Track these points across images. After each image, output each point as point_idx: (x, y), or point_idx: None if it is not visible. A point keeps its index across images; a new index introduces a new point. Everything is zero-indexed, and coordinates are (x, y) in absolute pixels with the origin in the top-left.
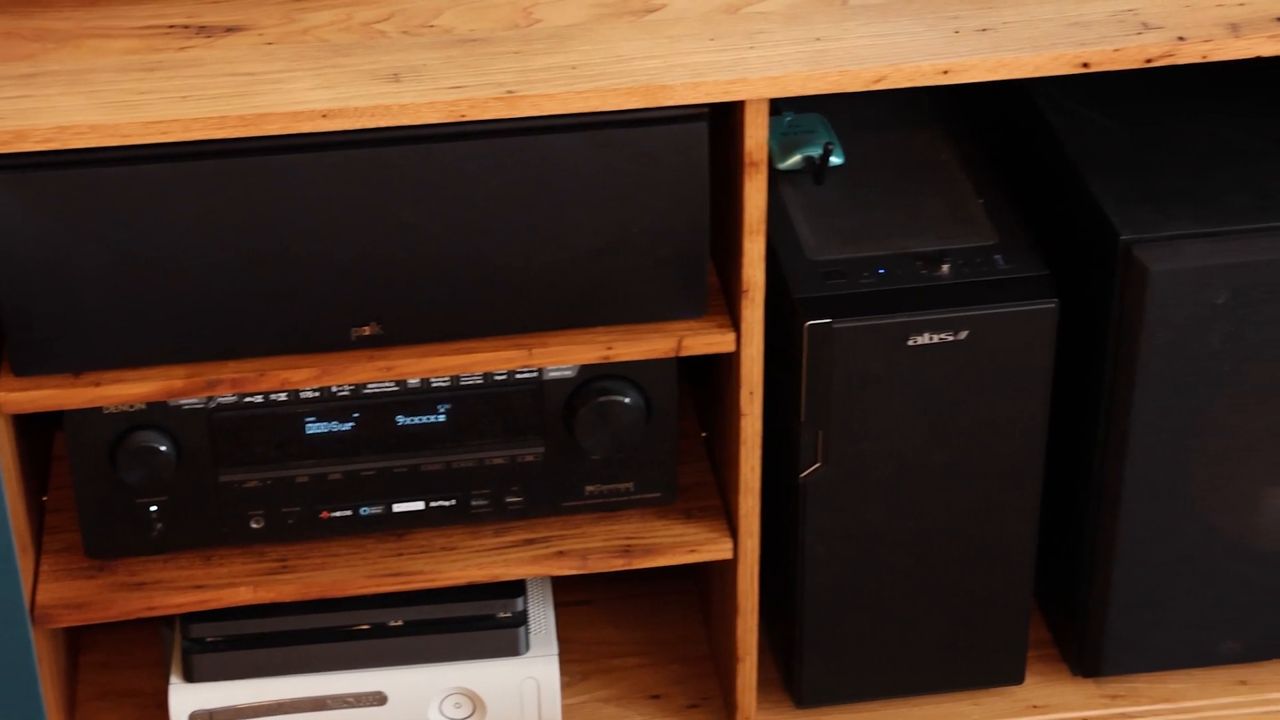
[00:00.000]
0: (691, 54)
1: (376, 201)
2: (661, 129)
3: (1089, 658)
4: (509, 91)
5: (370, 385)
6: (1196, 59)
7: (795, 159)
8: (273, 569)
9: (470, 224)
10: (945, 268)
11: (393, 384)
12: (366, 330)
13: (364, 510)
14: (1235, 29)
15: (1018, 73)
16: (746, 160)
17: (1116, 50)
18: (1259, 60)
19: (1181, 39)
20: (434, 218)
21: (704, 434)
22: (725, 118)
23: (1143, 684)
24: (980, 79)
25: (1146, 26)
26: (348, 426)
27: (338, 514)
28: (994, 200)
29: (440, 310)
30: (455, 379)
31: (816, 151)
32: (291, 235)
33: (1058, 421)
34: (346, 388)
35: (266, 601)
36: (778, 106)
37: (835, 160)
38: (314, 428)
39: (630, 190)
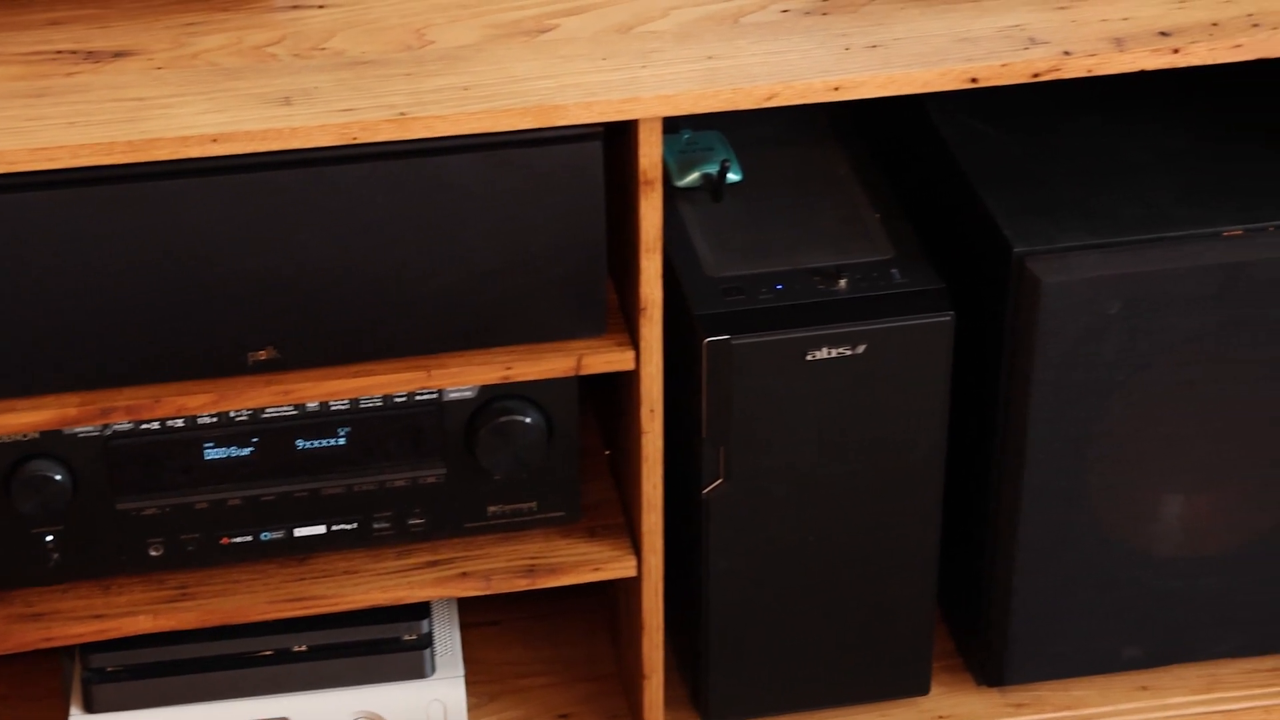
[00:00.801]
0: (584, 74)
1: (269, 225)
2: (556, 149)
3: (993, 667)
4: (401, 113)
5: (268, 410)
6: (1082, 73)
7: (693, 176)
8: (173, 596)
9: (365, 246)
10: (842, 282)
11: (291, 408)
12: (263, 355)
13: (265, 535)
14: (1119, 43)
15: (907, 88)
16: (641, 179)
17: (1004, 65)
18: (1144, 73)
19: (1067, 53)
20: (328, 241)
21: (607, 451)
22: (620, 136)
23: (1046, 692)
24: (870, 95)
25: (1033, 42)
26: (246, 451)
27: (238, 539)
28: (890, 215)
29: (338, 333)
30: (355, 402)
31: (714, 169)
32: (184, 260)
33: (957, 433)
34: (244, 413)
35: (167, 629)
36: (676, 124)
37: (733, 177)
38: (212, 453)
39: (526, 210)
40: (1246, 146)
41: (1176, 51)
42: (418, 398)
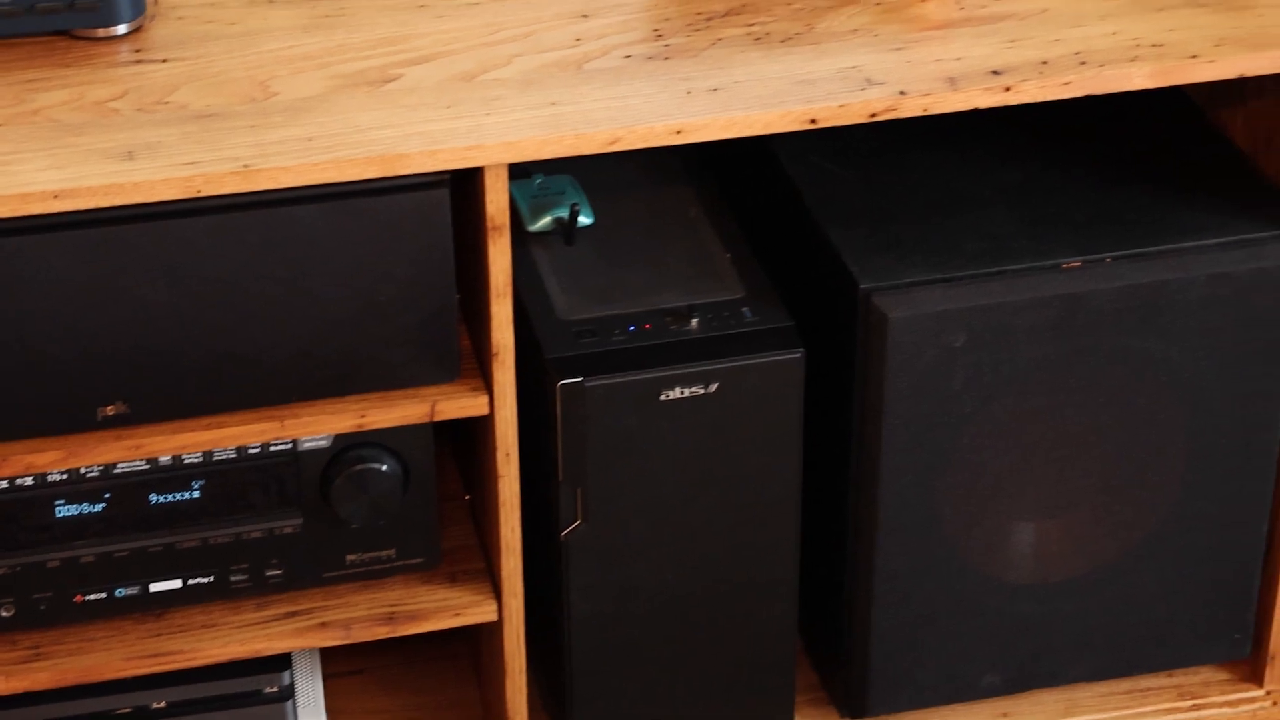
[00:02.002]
0: (429, 122)
1: (115, 280)
2: (402, 197)
3: (855, 699)
4: (245, 165)
5: (120, 465)
6: (918, 112)
7: (545, 220)
8: (25, 657)
9: (213, 298)
10: (694, 322)
11: (143, 462)
12: (113, 409)
13: (120, 591)
14: (953, 82)
15: (748, 130)
16: (489, 224)
17: (842, 106)
18: (980, 110)
19: (903, 93)
20: (175, 294)
21: (467, 496)
22: (467, 183)
23: None
24: (712, 138)
25: (870, 82)
26: (99, 508)
27: (92, 597)
28: (741, 254)
29: (188, 386)
30: (208, 454)
31: (565, 213)
32: (29, 317)
33: (812, 468)
34: (96, 468)
35: (20, 691)
36: (527, 169)
37: (584, 220)
38: (64, 510)
39: (375, 259)
40: (1081, 180)
41: (1008, 89)
42: (272, 448)
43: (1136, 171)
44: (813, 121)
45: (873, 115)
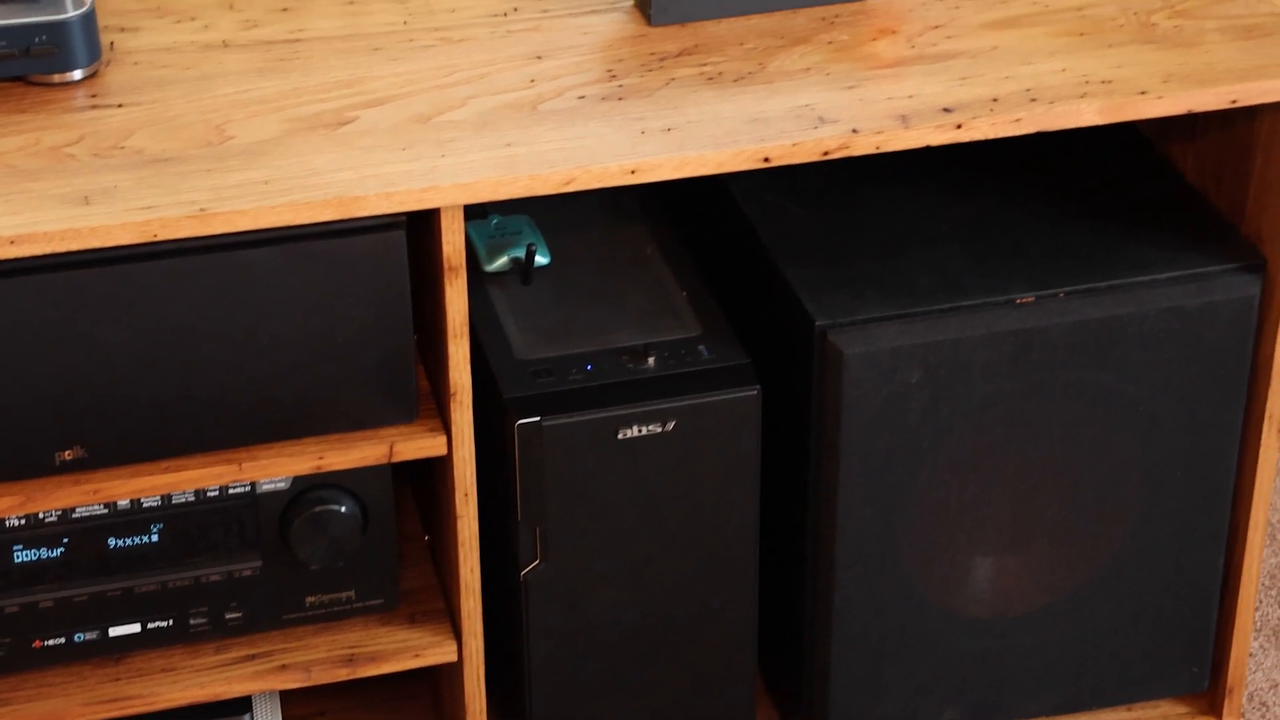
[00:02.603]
0: (384, 164)
1: (72, 324)
2: (358, 239)
3: None
4: (201, 209)
5: (78, 509)
6: (871, 150)
7: (502, 261)
8: None
9: (171, 342)
10: (651, 361)
11: (101, 507)
12: (70, 454)
13: (79, 637)
14: (905, 120)
15: (701, 170)
16: (446, 265)
17: (795, 144)
18: (933, 147)
19: (855, 131)
20: (133, 338)
21: (426, 537)
22: (424, 224)
23: None
24: (666, 177)
25: (823, 121)
26: (57, 553)
27: (51, 642)
28: (697, 292)
29: (146, 429)
30: (166, 497)
31: (522, 253)
32: None
33: (770, 504)
34: (54, 513)
35: None
36: (484, 210)
37: (541, 260)
38: (22, 555)
39: (332, 301)
40: (1034, 215)
41: (959, 127)
42: (230, 491)
43: (1089, 206)
44: (766, 160)
45: (826, 153)
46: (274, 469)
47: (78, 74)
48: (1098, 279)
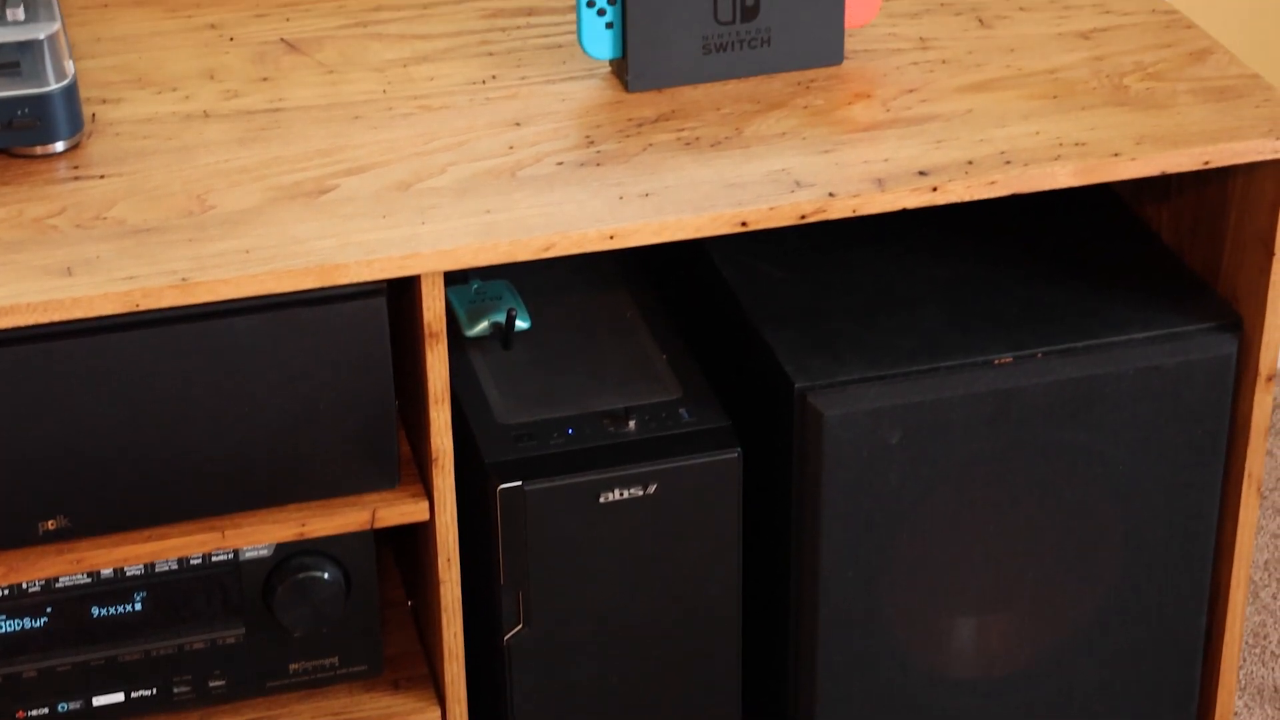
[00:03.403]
0: (365, 232)
1: (55, 395)
2: (340, 307)
3: None
4: (184, 279)
5: (62, 579)
6: (848, 213)
7: (483, 326)
8: None
9: (153, 411)
10: (632, 424)
11: (85, 576)
12: (53, 524)
13: (62, 706)
14: (881, 183)
15: (680, 234)
16: (427, 331)
17: (772, 209)
18: (908, 210)
19: (832, 195)
20: (115, 407)
21: (410, 602)
22: (404, 291)
23: None
24: (644, 242)
25: (799, 185)
26: (41, 623)
27: (35, 713)
28: (677, 355)
29: (129, 498)
30: (149, 566)
31: (502, 317)
32: None
33: (753, 565)
34: (37, 583)
35: None
36: (464, 275)
37: (522, 325)
38: (5, 626)
39: (314, 367)
40: (1011, 276)
41: (935, 189)
42: (214, 558)
43: (1065, 267)
44: (743, 224)
45: (803, 217)
46: (257, 536)
47: (60, 146)
48: (1075, 339)
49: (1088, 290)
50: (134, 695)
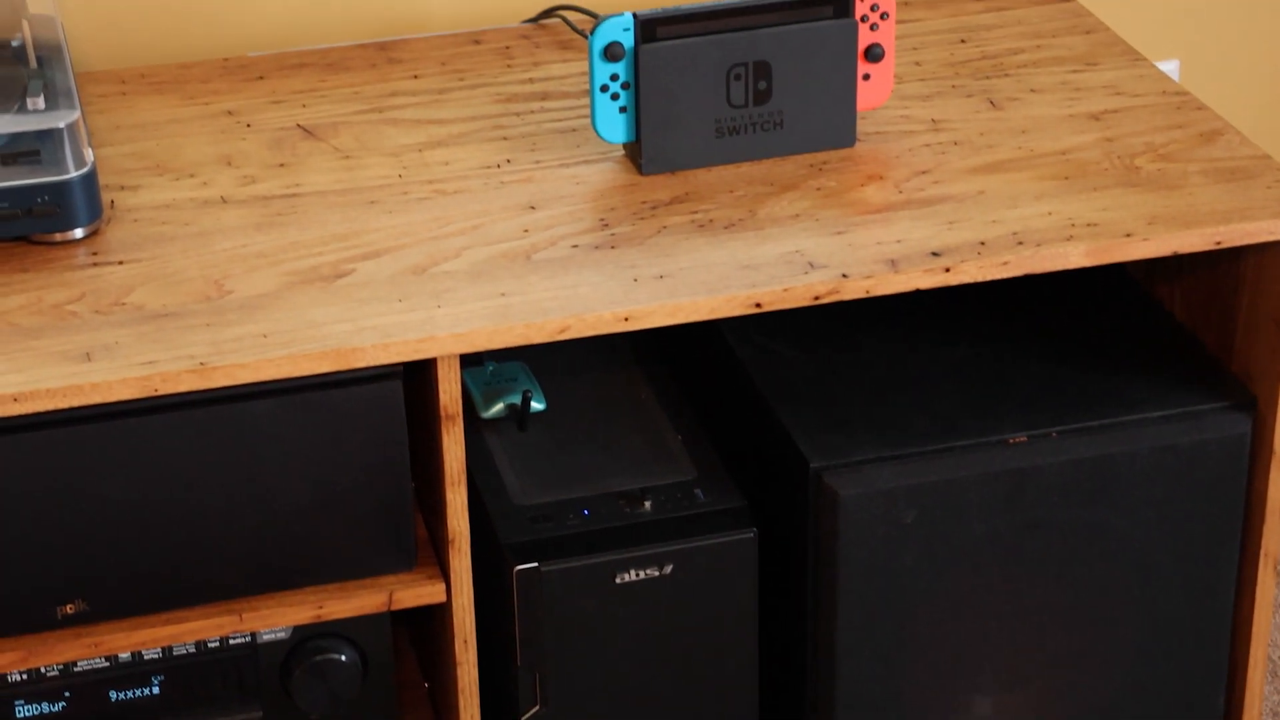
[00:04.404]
0: (381, 315)
1: (74, 479)
2: (356, 389)
3: None
4: (201, 364)
5: (80, 663)
6: (861, 294)
7: (498, 407)
8: None
9: (171, 495)
10: (647, 504)
11: (103, 660)
12: (72, 608)
13: None
14: (894, 264)
15: (694, 316)
16: (443, 414)
17: (786, 290)
18: (921, 290)
19: (845, 276)
20: (133, 491)
21: (426, 684)
22: (420, 373)
23: None
24: (660, 324)
25: (813, 266)
26: (59, 707)
27: None
28: (692, 436)
29: (147, 581)
30: (167, 649)
31: (518, 399)
32: None
33: (769, 645)
34: (55, 667)
35: None
36: (480, 357)
37: (537, 406)
38: (24, 710)
39: (331, 450)
40: (1024, 355)
41: (948, 270)
42: (231, 641)
43: (1078, 346)
44: (758, 305)
45: (816, 298)
46: (274, 619)
47: (79, 232)
48: (1089, 418)
49: (1102, 369)
50: None
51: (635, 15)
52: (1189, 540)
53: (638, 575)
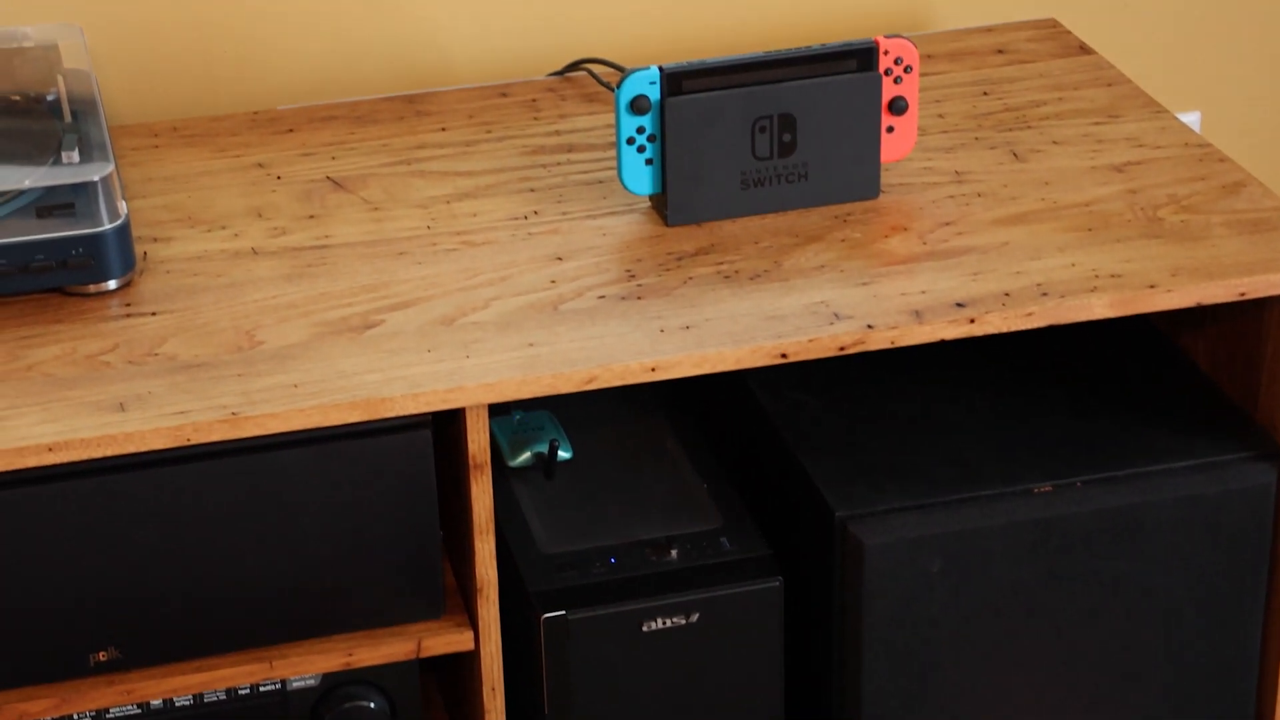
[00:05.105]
0: (410, 366)
1: (107, 528)
2: (386, 439)
3: None
4: (233, 413)
5: (112, 709)
6: (886, 345)
7: (525, 456)
8: None
9: (202, 543)
10: (673, 553)
11: (134, 706)
12: (104, 655)
13: None
14: (919, 315)
15: (720, 366)
16: (471, 463)
17: (811, 340)
18: (946, 341)
19: (870, 327)
20: (165, 539)
21: None
22: (449, 423)
23: None
24: (686, 374)
25: (838, 317)
26: None
27: None
28: (717, 484)
29: (179, 629)
30: (198, 696)
31: (545, 448)
32: (22, 566)
33: (795, 693)
34: (88, 714)
35: None
36: (507, 406)
37: (564, 455)
38: None
39: (360, 499)
40: (1049, 405)
41: (973, 321)
42: (261, 689)
43: (1103, 396)
44: (783, 356)
45: (842, 349)
46: (304, 666)
47: (113, 284)
48: (1114, 468)
49: (1126, 419)
50: None
51: (661, 69)
52: (1214, 589)
53: (664, 623)
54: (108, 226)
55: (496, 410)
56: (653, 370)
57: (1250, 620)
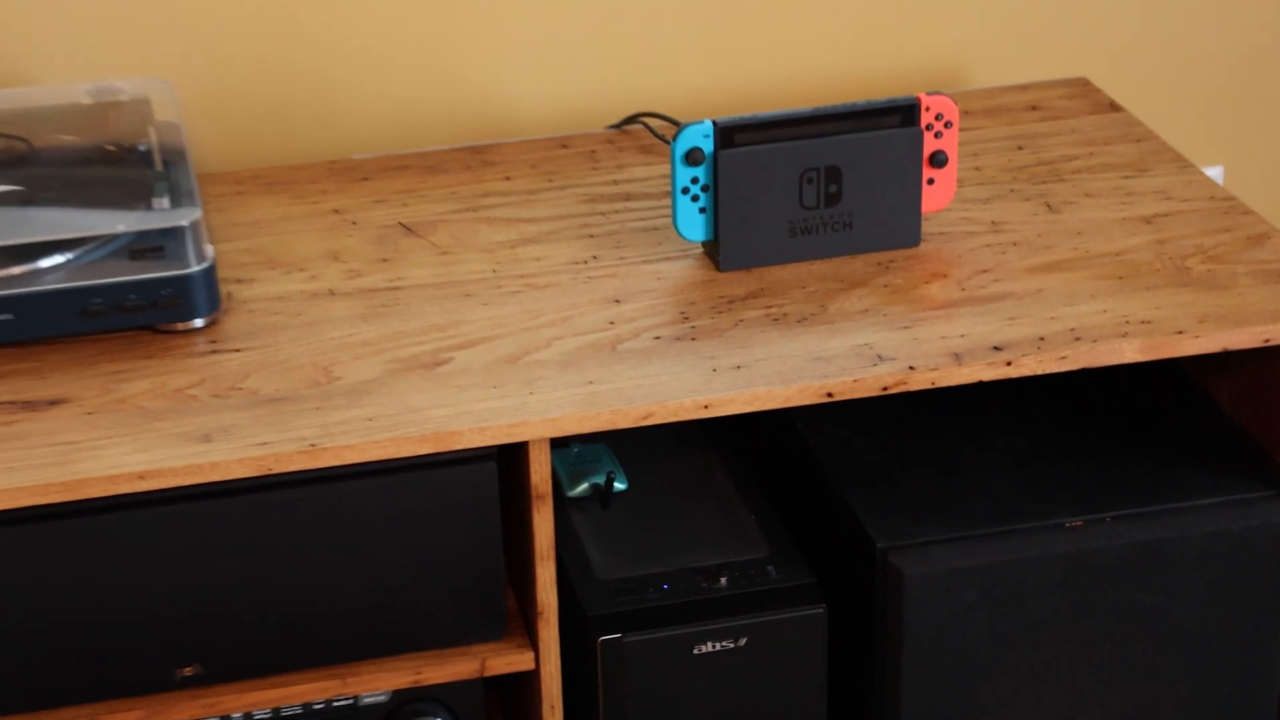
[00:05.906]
0: (477, 401)
1: (193, 552)
2: (454, 470)
3: None
4: (311, 445)
5: None
6: (927, 385)
7: (583, 487)
8: None
9: (282, 566)
10: (723, 580)
11: (217, 719)
12: (189, 671)
13: None
14: (958, 358)
15: (769, 404)
16: (534, 493)
17: (856, 380)
18: (984, 382)
19: (912, 368)
20: (247, 563)
21: None
22: (513, 455)
23: None
24: (737, 411)
25: (881, 358)
26: None
27: None
28: (764, 516)
29: (258, 647)
30: (276, 710)
31: (601, 479)
32: (115, 587)
33: (837, 714)
34: None
35: None
36: (567, 440)
37: (619, 486)
38: None
39: (429, 527)
40: (1081, 444)
41: (1009, 364)
42: (335, 704)
43: (1132, 435)
44: (829, 395)
45: (885, 389)
46: (375, 683)
47: (199, 322)
48: (1143, 504)
49: (1155, 458)
50: None
51: (715, 123)
52: (1238, 622)
53: (714, 647)
54: (195, 268)
55: (557, 444)
56: (705, 407)
57: (1272, 650)
